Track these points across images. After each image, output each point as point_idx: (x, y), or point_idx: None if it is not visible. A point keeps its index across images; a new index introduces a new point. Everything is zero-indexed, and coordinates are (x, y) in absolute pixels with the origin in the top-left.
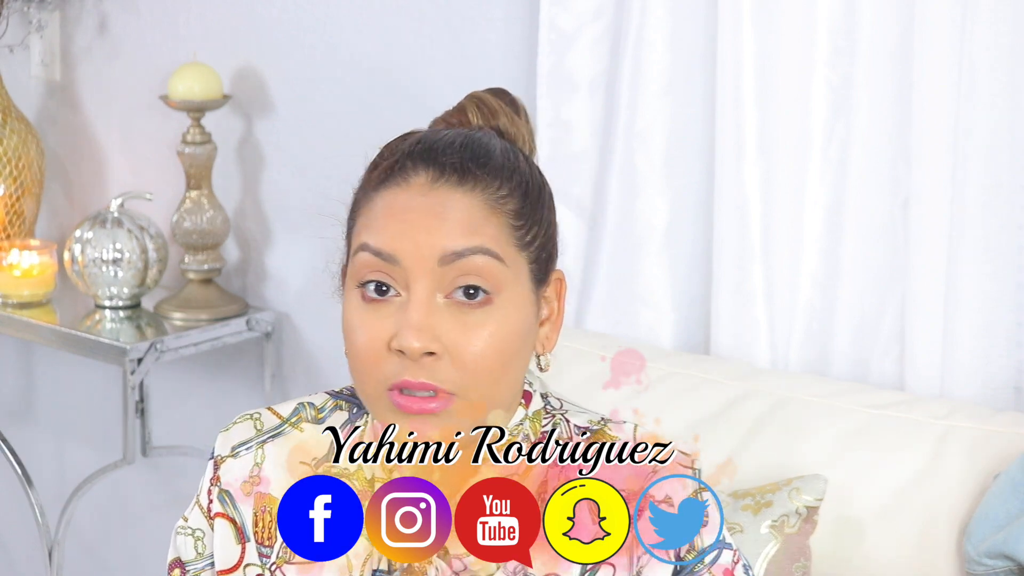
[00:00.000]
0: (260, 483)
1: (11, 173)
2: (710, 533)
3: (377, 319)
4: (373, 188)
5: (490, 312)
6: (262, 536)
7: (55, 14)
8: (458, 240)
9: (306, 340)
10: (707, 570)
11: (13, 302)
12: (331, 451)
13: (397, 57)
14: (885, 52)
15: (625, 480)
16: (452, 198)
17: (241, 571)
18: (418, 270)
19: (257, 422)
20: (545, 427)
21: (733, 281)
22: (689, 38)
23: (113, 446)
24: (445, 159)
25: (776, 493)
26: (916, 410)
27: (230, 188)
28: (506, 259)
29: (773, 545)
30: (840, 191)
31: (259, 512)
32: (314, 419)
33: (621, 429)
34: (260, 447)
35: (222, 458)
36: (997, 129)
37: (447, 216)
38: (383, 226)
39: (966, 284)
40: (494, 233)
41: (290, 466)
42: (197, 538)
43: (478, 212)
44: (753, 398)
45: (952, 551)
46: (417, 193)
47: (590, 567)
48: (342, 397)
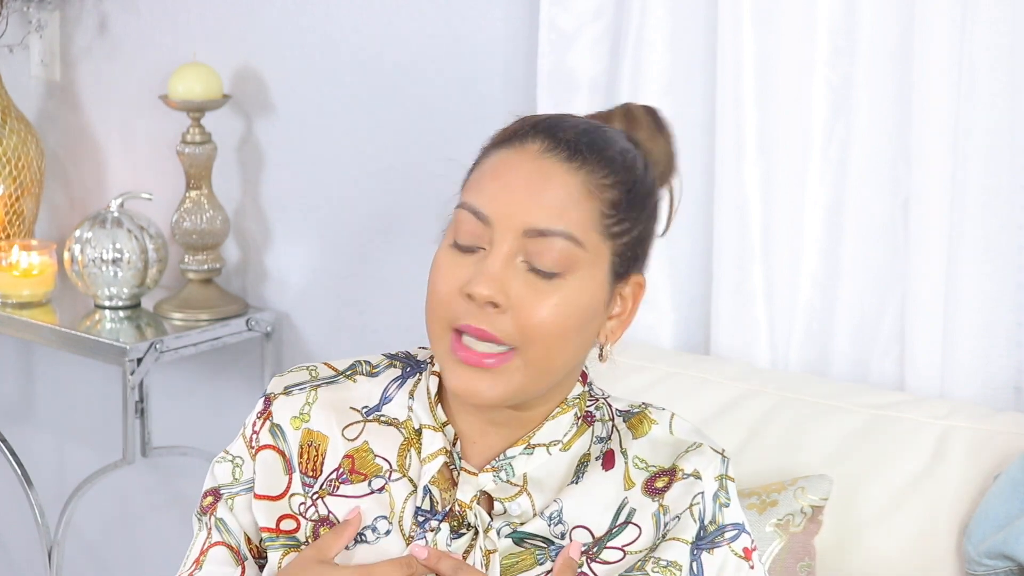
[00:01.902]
0: (310, 420)
1: (11, 173)
2: (732, 514)
3: (459, 265)
4: (493, 147)
5: (560, 285)
6: (307, 468)
7: (55, 14)
8: (546, 220)
9: (306, 340)
10: (727, 544)
11: (13, 302)
12: (381, 402)
13: (397, 57)
14: (885, 52)
15: (661, 458)
16: (555, 172)
17: (287, 499)
18: (505, 233)
19: (313, 371)
20: (589, 407)
21: (733, 281)
22: (689, 38)
23: (113, 446)
24: (562, 135)
25: (782, 492)
26: (916, 410)
27: (230, 188)
28: (587, 244)
29: (778, 544)
30: (840, 191)
31: (306, 446)
32: (368, 373)
33: (660, 415)
34: (314, 389)
35: (275, 395)
36: (997, 129)
37: (543, 190)
38: (484, 187)
39: (966, 284)
40: (582, 218)
41: (340, 411)
42: (236, 465)
43: (574, 192)
44: (753, 398)
45: (952, 551)
46: (526, 158)
47: (619, 523)
48: (397, 358)
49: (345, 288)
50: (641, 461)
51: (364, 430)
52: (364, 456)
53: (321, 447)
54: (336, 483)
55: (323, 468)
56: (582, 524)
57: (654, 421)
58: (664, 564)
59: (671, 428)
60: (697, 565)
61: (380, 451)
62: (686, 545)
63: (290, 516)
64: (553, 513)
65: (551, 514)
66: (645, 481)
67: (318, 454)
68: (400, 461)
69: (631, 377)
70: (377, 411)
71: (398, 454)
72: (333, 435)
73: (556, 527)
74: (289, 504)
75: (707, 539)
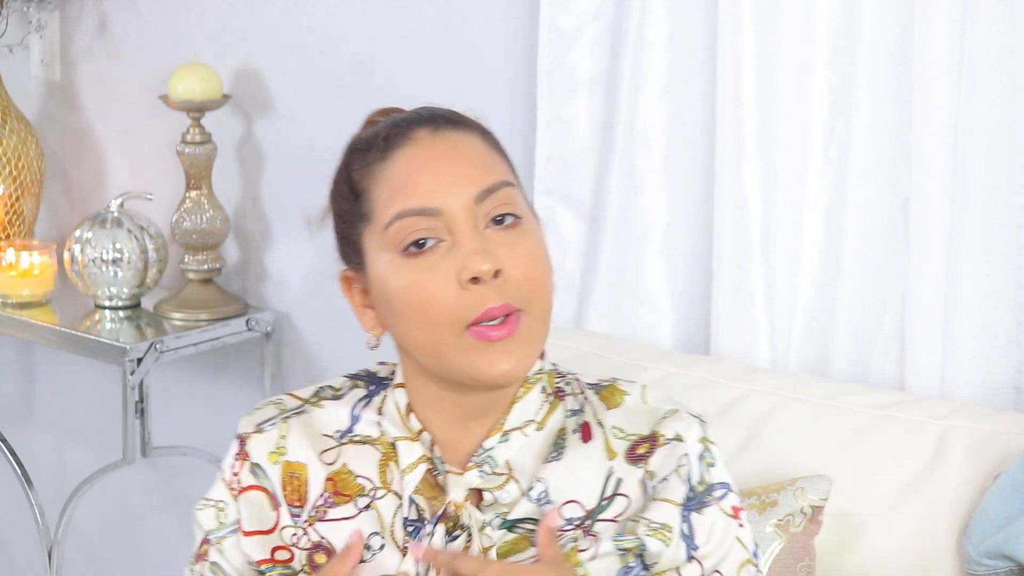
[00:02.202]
0: (287, 453)
1: (11, 173)
2: (719, 474)
3: (430, 268)
4: (378, 159)
5: (522, 231)
6: (292, 498)
7: (55, 14)
8: (485, 178)
9: (306, 340)
10: (716, 503)
11: (13, 302)
12: (352, 423)
13: (397, 57)
14: (885, 52)
15: (639, 425)
16: (460, 139)
17: (278, 533)
18: (458, 212)
19: (279, 404)
20: (558, 383)
21: (733, 281)
22: (689, 38)
23: (113, 446)
24: (433, 114)
25: (781, 493)
26: (916, 410)
27: (230, 188)
28: (517, 186)
29: (778, 544)
30: (840, 191)
31: (287, 477)
32: (333, 397)
33: (631, 386)
34: (284, 421)
35: (247, 435)
36: (997, 129)
37: (465, 155)
38: (412, 188)
39: (966, 284)
40: (503, 167)
41: (314, 438)
42: (219, 509)
43: (482, 148)
44: (753, 398)
45: (952, 551)
46: (426, 144)
47: (607, 496)
48: (359, 378)
49: None
50: (619, 431)
51: (341, 453)
52: (345, 478)
53: (302, 475)
54: (324, 508)
55: (308, 496)
56: (571, 499)
57: (625, 392)
58: (656, 526)
59: (644, 398)
60: (688, 526)
61: (360, 471)
62: (676, 507)
63: (282, 547)
64: (540, 494)
65: (538, 495)
66: (626, 450)
67: (301, 482)
68: (382, 478)
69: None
70: (350, 432)
71: (379, 471)
72: (311, 462)
73: (544, 506)
74: (280, 536)
75: (696, 499)
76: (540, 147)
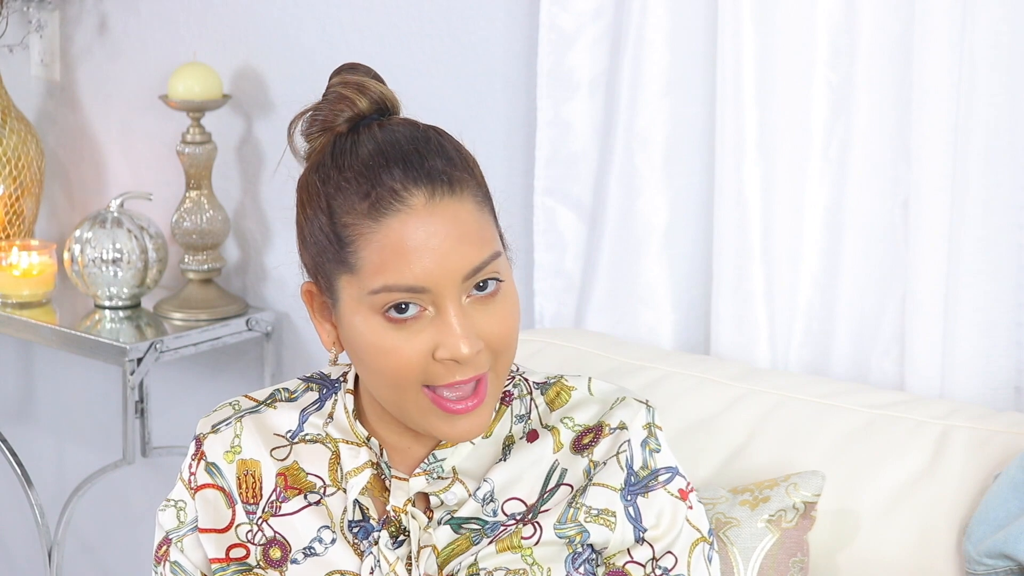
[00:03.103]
0: (241, 451)
1: (11, 173)
2: (664, 459)
3: (409, 336)
4: (370, 221)
5: (503, 294)
6: (247, 496)
7: (55, 14)
8: (476, 255)
9: (306, 340)
10: (662, 486)
11: (13, 302)
12: (300, 423)
13: (397, 57)
14: (885, 52)
15: (587, 416)
16: (455, 211)
17: (233, 531)
18: (447, 290)
19: (235, 405)
20: (506, 386)
21: (733, 281)
22: (689, 38)
23: (113, 446)
24: (430, 169)
25: (774, 489)
26: (916, 410)
27: (230, 188)
28: (500, 247)
29: (770, 539)
30: (840, 191)
31: (242, 476)
32: (287, 399)
33: (577, 380)
34: (239, 420)
35: (204, 435)
36: (997, 129)
37: (460, 229)
38: (403, 264)
39: (966, 284)
40: (491, 230)
41: (266, 436)
42: (179, 508)
43: (476, 216)
44: (753, 398)
45: (952, 551)
46: (421, 216)
47: (550, 488)
48: (313, 380)
49: None
50: (570, 420)
51: (291, 452)
52: (296, 473)
53: (256, 472)
54: (277, 504)
55: (262, 492)
56: (513, 496)
57: (572, 387)
58: (596, 512)
59: (590, 389)
60: (634, 509)
61: (311, 468)
62: (615, 492)
63: (238, 544)
64: (485, 494)
65: (484, 495)
66: (573, 440)
67: (255, 480)
68: (332, 476)
69: (631, 377)
70: (300, 432)
71: (329, 469)
72: (264, 458)
73: (488, 506)
74: (236, 534)
75: (640, 484)
76: (540, 147)
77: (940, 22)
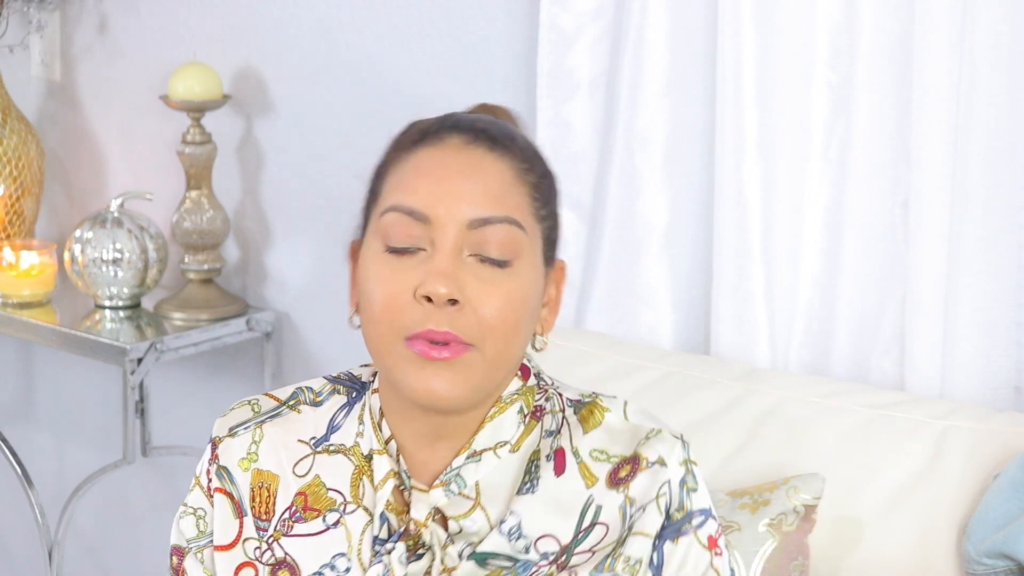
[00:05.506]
0: (258, 460)
1: (11, 173)
2: (700, 500)
3: (401, 270)
4: (405, 150)
5: (509, 273)
6: (259, 510)
7: (55, 14)
8: (487, 207)
9: (306, 340)
10: (693, 531)
11: (13, 302)
12: (328, 431)
13: (397, 57)
14: (885, 52)
15: (620, 446)
16: (485, 160)
17: (240, 546)
18: (447, 229)
19: (255, 406)
20: (538, 400)
21: (733, 281)
22: (689, 38)
23: (113, 446)
24: (478, 127)
25: (774, 492)
26: (916, 410)
27: (230, 188)
28: (527, 228)
29: (771, 543)
30: (840, 191)
31: (256, 487)
32: (312, 402)
33: (612, 402)
34: (258, 427)
35: (220, 439)
36: (997, 129)
37: (478, 179)
38: (415, 186)
39: (966, 284)
40: (518, 202)
41: (288, 446)
42: (199, 516)
43: (507, 178)
44: (753, 398)
45: (952, 551)
46: (452, 151)
47: (584, 527)
48: (340, 382)
49: (345, 288)
50: (601, 452)
51: (314, 463)
52: (317, 491)
53: (272, 487)
54: (290, 523)
55: (275, 509)
56: (547, 533)
57: (606, 409)
58: (632, 563)
59: (625, 414)
60: (658, 555)
61: (332, 483)
62: (649, 539)
63: (247, 564)
64: (512, 528)
65: (509, 529)
66: (609, 473)
67: (270, 495)
68: (354, 492)
69: (631, 377)
70: (325, 441)
71: (351, 484)
72: (284, 474)
73: (518, 542)
74: (243, 550)
75: (673, 528)
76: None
77: (940, 22)
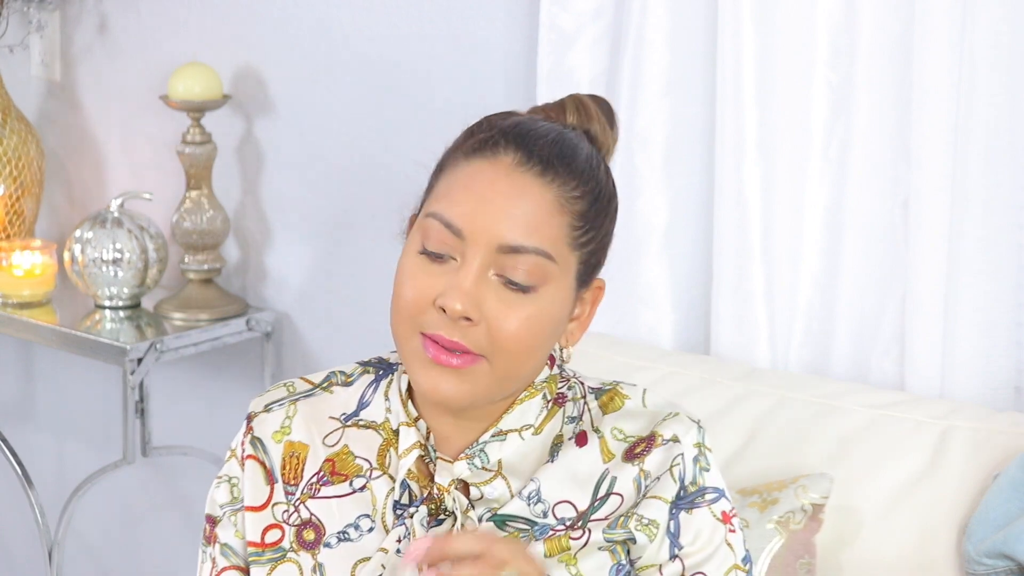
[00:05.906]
0: (291, 433)
1: (11, 173)
2: (713, 479)
3: (429, 275)
4: (464, 155)
5: (532, 299)
6: (288, 477)
7: (55, 14)
8: (520, 236)
9: (306, 340)
10: (708, 505)
11: (13, 302)
12: (359, 407)
13: (398, 57)
14: (885, 52)
15: (639, 427)
16: (532, 186)
17: (269, 509)
18: (478, 248)
19: (290, 387)
20: (561, 388)
21: (733, 281)
22: (689, 38)
23: (113, 446)
24: (535, 147)
25: (783, 491)
26: (916, 410)
27: (230, 188)
28: (557, 258)
29: (778, 541)
30: (840, 191)
31: (287, 457)
32: (344, 383)
33: (632, 390)
34: (292, 403)
35: (255, 413)
36: (997, 129)
37: (519, 206)
38: (458, 199)
39: (966, 284)
40: (554, 233)
41: (319, 421)
42: (233, 484)
43: (547, 208)
44: (753, 398)
45: (952, 551)
46: (500, 172)
47: (600, 496)
48: (370, 364)
49: (345, 288)
50: (619, 432)
51: (343, 436)
52: (345, 458)
53: (302, 455)
54: (317, 486)
55: (304, 474)
56: (564, 499)
57: (626, 396)
58: (646, 522)
59: (644, 401)
60: (675, 524)
61: (360, 452)
62: (665, 504)
63: (275, 526)
64: (532, 493)
65: (529, 494)
66: (625, 450)
67: (299, 462)
68: (380, 461)
69: (631, 377)
70: (355, 416)
71: (378, 455)
72: (314, 444)
73: (536, 506)
74: (272, 513)
75: (687, 499)
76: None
77: (940, 22)
